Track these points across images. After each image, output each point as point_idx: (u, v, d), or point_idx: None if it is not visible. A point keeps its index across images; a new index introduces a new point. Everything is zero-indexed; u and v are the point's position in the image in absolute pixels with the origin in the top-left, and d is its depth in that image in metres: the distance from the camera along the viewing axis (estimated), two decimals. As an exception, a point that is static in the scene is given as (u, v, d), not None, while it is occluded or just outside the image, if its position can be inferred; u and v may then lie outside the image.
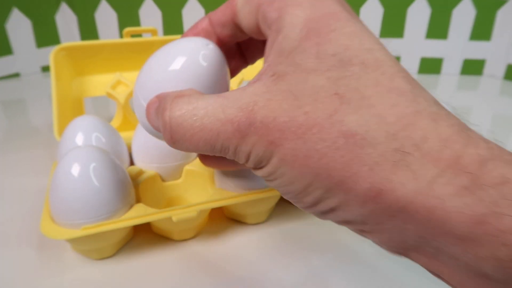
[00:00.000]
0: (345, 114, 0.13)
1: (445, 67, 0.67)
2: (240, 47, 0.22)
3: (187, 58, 0.18)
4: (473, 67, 0.67)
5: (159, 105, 0.17)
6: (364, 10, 0.64)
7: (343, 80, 0.13)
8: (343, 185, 0.13)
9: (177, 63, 0.18)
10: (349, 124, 0.13)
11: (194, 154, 0.32)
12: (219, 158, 0.19)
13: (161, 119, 0.16)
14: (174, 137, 0.16)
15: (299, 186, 0.14)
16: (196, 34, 0.20)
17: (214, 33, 0.20)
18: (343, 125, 0.13)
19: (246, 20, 0.18)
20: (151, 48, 0.41)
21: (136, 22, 0.64)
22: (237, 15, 0.18)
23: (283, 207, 0.31)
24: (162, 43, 0.43)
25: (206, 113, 0.15)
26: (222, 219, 0.31)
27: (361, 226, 0.14)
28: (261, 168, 0.15)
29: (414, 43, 0.66)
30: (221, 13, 0.19)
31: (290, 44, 0.15)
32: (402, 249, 0.14)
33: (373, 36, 0.15)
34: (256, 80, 0.15)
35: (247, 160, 0.15)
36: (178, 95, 0.16)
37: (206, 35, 0.20)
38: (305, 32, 0.15)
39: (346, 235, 0.29)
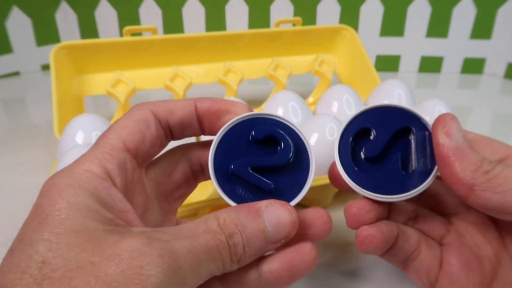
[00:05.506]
0: None
1: (445, 66, 0.67)
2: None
3: None
4: (473, 66, 0.67)
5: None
6: (364, 8, 0.64)
7: None
8: None
9: None
10: None
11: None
12: None
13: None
14: None
15: None
16: None
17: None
18: None
19: None
20: (151, 46, 0.41)
21: (136, 21, 0.64)
22: None
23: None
24: (162, 42, 0.42)
25: None
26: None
27: None
28: None
29: (414, 42, 0.66)
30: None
31: None
32: None
33: None
34: None
35: None
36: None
37: None
38: None
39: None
